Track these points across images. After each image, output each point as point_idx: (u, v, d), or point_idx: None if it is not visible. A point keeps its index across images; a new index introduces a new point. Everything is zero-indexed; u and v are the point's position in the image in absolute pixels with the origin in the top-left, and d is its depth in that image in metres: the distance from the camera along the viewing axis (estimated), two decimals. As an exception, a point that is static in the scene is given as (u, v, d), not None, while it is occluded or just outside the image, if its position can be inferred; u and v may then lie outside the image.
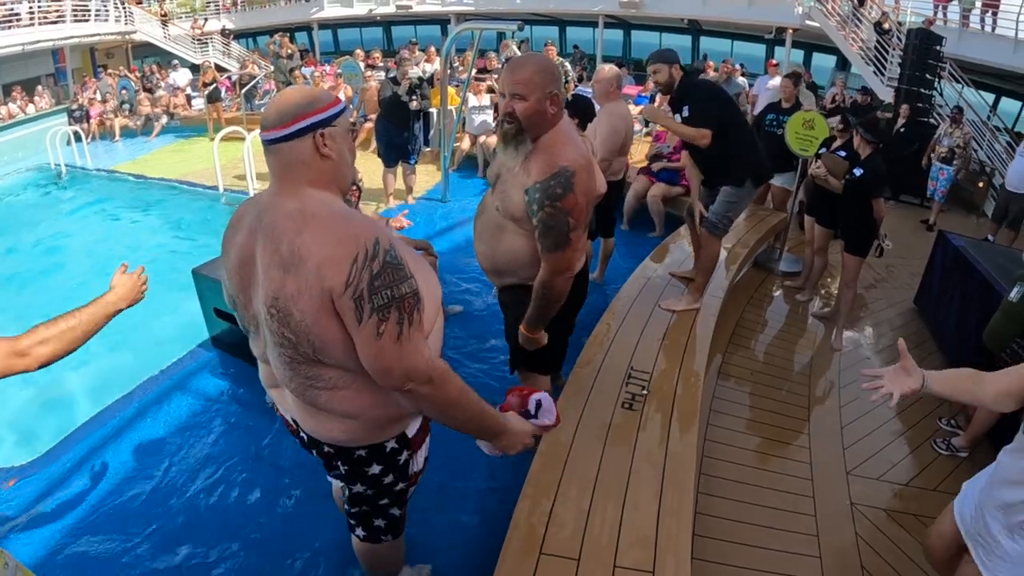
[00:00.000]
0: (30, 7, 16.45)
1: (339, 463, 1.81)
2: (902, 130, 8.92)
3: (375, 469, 1.81)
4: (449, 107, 7.85)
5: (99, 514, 3.10)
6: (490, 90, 9.22)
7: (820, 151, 5.18)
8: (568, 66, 11.26)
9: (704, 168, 3.88)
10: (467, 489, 3.14)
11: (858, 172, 4.41)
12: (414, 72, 7.23)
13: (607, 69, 4.65)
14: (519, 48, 11.36)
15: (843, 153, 4.86)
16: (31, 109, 15.38)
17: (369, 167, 8.07)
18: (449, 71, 9.03)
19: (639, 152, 7.73)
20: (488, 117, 8.92)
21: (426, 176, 8.48)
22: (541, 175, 2.22)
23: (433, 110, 8.35)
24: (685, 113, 3.60)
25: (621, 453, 2.55)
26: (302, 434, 1.83)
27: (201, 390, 4.09)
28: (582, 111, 4.40)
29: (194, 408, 3.92)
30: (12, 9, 16.18)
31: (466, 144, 9.12)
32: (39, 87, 16.58)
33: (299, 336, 1.51)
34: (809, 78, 12.94)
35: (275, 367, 1.67)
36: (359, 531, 2.03)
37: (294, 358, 1.57)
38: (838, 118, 5.56)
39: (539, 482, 2.40)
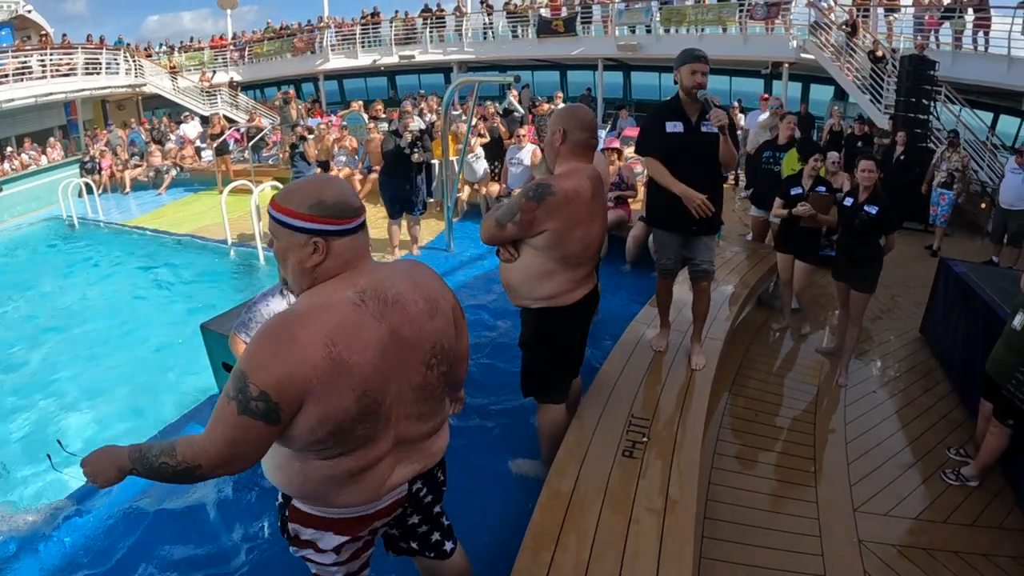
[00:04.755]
0: (42, 60, 16.93)
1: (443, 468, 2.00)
2: (901, 157, 8.93)
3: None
4: (451, 158, 7.99)
5: (117, 558, 3.16)
6: (479, 133, 9.39)
7: (797, 190, 5.08)
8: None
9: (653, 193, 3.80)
10: (471, 542, 3.15)
11: (873, 211, 4.28)
12: (414, 125, 7.37)
13: None
14: (519, 96, 11.57)
15: (822, 188, 4.90)
16: (43, 160, 15.62)
17: (373, 218, 8.21)
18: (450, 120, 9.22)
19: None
20: (484, 164, 9.08)
21: (430, 227, 8.54)
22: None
23: (435, 161, 8.49)
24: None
25: (621, 502, 2.57)
26: (423, 481, 1.86)
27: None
28: None
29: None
30: (25, 62, 16.66)
31: (466, 194, 9.14)
32: (51, 139, 16.86)
33: (451, 361, 1.79)
34: (805, 110, 13.05)
35: (419, 424, 1.74)
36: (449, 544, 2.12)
37: (446, 387, 1.82)
38: (836, 154, 5.65)
39: (539, 533, 2.42)
